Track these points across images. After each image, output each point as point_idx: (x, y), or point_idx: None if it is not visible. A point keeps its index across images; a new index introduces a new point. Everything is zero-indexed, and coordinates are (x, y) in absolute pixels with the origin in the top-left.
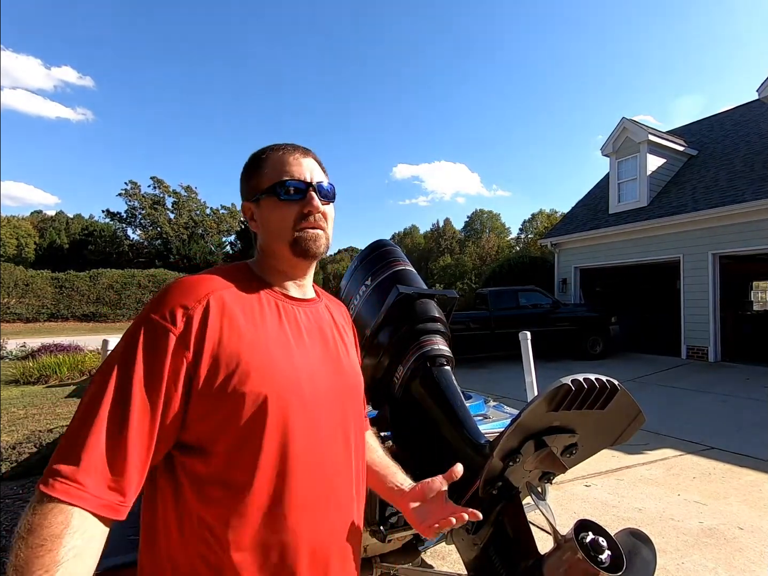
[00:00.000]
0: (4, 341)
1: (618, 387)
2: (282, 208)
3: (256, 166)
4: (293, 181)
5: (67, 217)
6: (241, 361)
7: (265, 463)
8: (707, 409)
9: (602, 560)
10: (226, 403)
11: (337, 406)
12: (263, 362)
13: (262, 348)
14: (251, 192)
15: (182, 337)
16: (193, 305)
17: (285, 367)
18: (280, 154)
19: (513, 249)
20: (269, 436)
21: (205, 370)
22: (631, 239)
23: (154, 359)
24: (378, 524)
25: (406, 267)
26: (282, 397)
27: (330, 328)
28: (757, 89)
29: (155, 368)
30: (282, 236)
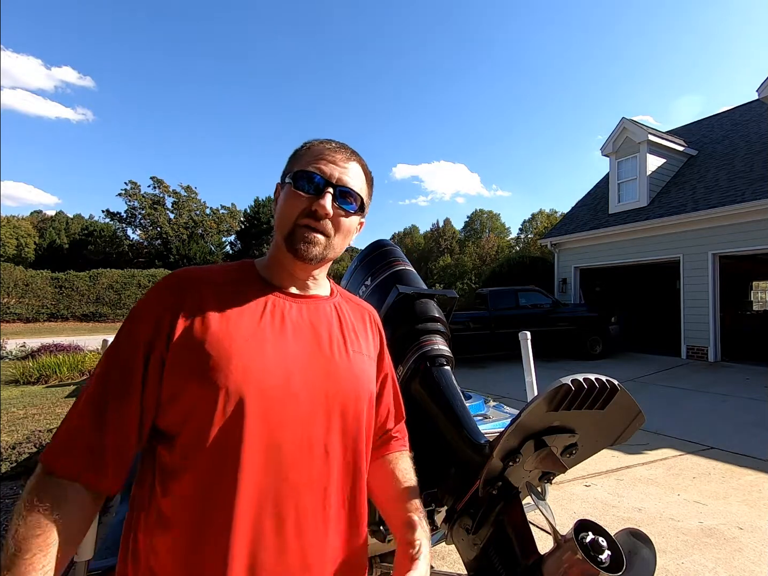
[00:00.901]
0: (4, 341)
1: (618, 387)
2: (292, 197)
3: (299, 152)
4: (313, 173)
5: (67, 217)
6: (205, 349)
7: (209, 461)
8: (707, 409)
9: (602, 560)
10: (188, 388)
11: (318, 410)
12: (226, 353)
13: (229, 338)
14: (283, 174)
15: (158, 322)
16: (179, 292)
17: (250, 360)
18: (320, 147)
19: (513, 249)
20: (218, 429)
21: (175, 354)
22: (631, 239)
23: (130, 342)
24: (378, 524)
25: (406, 267)
26: (238, 391)
27: (328, 328)
28: (757, 89)
29: (131, 350)
30: (282, 226)
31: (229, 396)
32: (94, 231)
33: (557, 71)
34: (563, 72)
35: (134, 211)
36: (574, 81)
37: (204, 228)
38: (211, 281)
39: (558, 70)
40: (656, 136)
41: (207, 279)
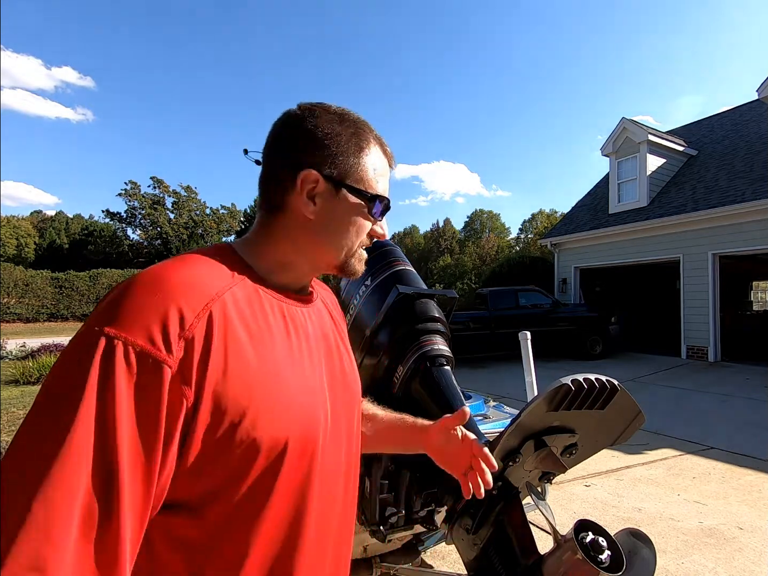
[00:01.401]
0: (4, 341)
1: (618, 387)
2: (364, 220)
3: (357, 145)
4: (389, 203)
5: (67, 217)
6: (252, 398)
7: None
8: (707, 409)
9: (602, 560)
10: (231, 453)
11: (342, 429)
12: (277, 395)
13: (274, 375)
14: (333, 166)
15: (181, 370)
16: (192, 322)
17: (303, 398)
18: (384, 158)
19: (513, 249)
20: (281, 495)
21: (208, 413)
22: (631, 239)
23: (143, 406)
24: (378, 524)
25: (406, 267)
26: (305, 439)
27: (332, 331)
28: (757, 89)
29: (147, 418)
30: (344, 246)
31: (291, 450)
32: (94, 231)
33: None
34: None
35: (134, 211)
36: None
37: (204, 228)
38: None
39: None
40: (656, 136)
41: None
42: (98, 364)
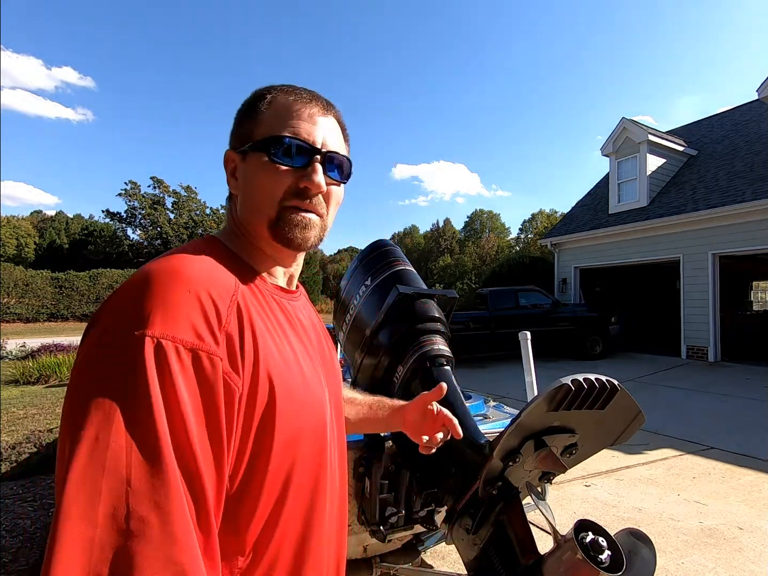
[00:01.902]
0: (4, 341)
1: (618, 387)
2: (272, 172)
3: (254, 107)
4: (296, 140)
5: (67, 217)
6: (276, 387)
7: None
8: (707, 409)
9: (602, 560)
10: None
11: (337, 421)
12: (296, 385)
13: (290, 366)
14: (239, 139)
15: (229, 360)
16: (227, 316)
17: (314, 388)
18: (290, 100)
19: (513, 249)
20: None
21: (248, 397)
22: (631, 239)
23: (207, 397)
24: (378, 524)
25: (406, 267)
26: (319, 429)
27: (318, 321)
28: (757, 89)
29: (212, 409)
30: (262, 210)
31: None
32: (94, 231)
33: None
34: (563, 72)
35: (134, 211)
36: (573, 81)
37: (204, 228)
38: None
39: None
40: (656, 136)
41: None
42: (153, 368)
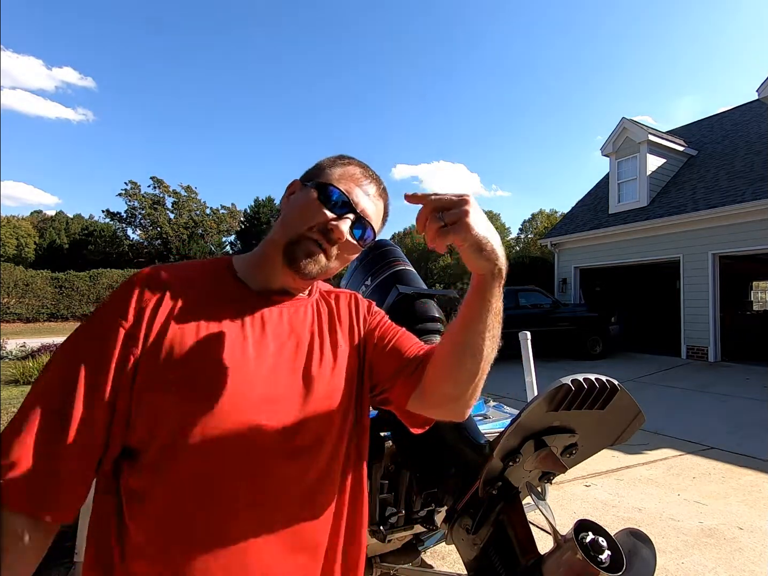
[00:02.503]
0: (4, 341)
1: (618, 387)
2: (312, 207)
3: (331, 163)
4: (344, 195)
5: (67, 217)
6: (186, 360)
7: (177, 480)
8: (707, 409)
9: (602, 560)
10: (162, 402)
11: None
12: (210, 366)
13: (211, 348)
14: (309, 176)
15: (131, 331)
16: (147, 298)
17: (234, 374)
18: (358, 170)
19: (513, 249)
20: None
21: (150, 360)
22: (631, 239)
23: (102, 352)
24: (378, 524)
25: (406, 267)
26: (220, 409)
27: (310, 329)
28: (757, 89)
29: (103, 360)
30: (290, 229)
31: (209, 413)
32: (94, 231)
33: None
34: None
35: (134, 211)
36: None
37: (204, 228)
38: (188, 280)
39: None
40: (656, 136)
41: (184, 278)
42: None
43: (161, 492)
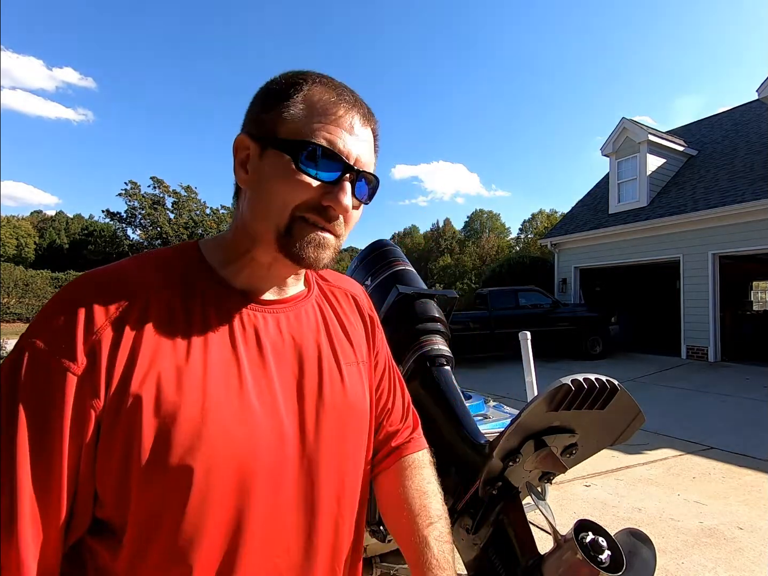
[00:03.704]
0: (4, 341)
1: (618, 387)
2: (293, 180)
3: (283, 94)
4: (331, 150)
5: (67, 217)
6: (162, 417)
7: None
8: (707, 409)
9: (602, 560)
10: (134, 474)
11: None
12: (198, 413)
13: (198, 391)
14: (259, 126)
15: (86, 376)
16: (101, 325)
17: (232, 419)
18: (329, 99)
19: (513, 249)
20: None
21: (113, 422)
22: (631, 239)
23: (44, 416)
24: (378, 524)
25: (405, 267)
26: (234, 468)
27: (315, 339)
28: (757, 89)
29: (48, 429)
30: (271, 217)
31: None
32: (94, 231)
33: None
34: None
35: (134, 211)
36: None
37: (204, 228)
38: (151, 287)
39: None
40: (656, 136)
41: (144, 284)
42: (7, 371)
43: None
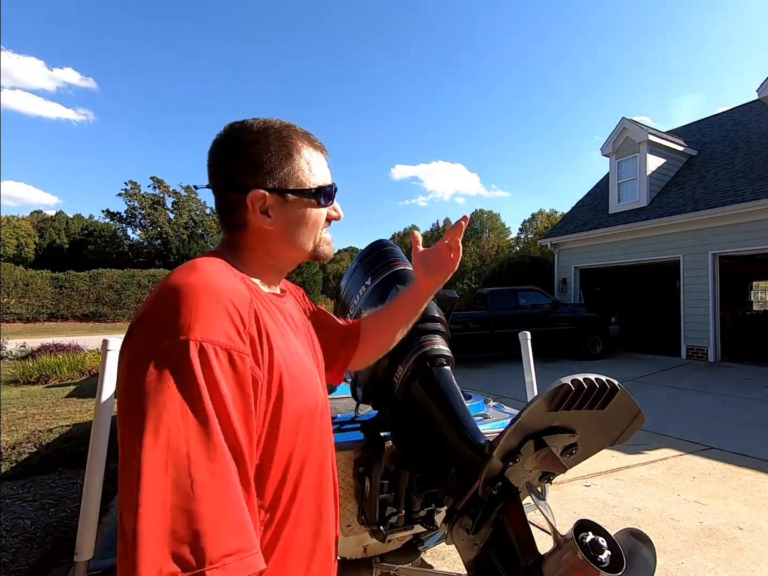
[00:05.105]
0: (4, 341)
1: (618, 387)
2: (320, 214)
3: (284, 152)
4: (332, 186)
5: (67, 217)
6: (288, 377)
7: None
8: (707, 409)
9: (602, 560)
10: (274, 421)
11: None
12: (303, 376)
13: (296, 359)
14: (274, 180)
15: (253, 356)
16: (249, 321)
17: (313, 378)
18: (316, 152)
19: (513, 249)
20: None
21: (268, 387)
22: (631, 239)
23: (242, 389)
24: (378, 524)
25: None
26: (319, 410)
27: (303, 320)
28: (757, 89)
29: (246, 398)
30: (307, 243)
31: (307, 416)
32: (94, 231)
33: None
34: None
35: (134, 211)
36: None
37: (204, 228)
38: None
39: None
40: (656, 136)
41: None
42: (199, 366)
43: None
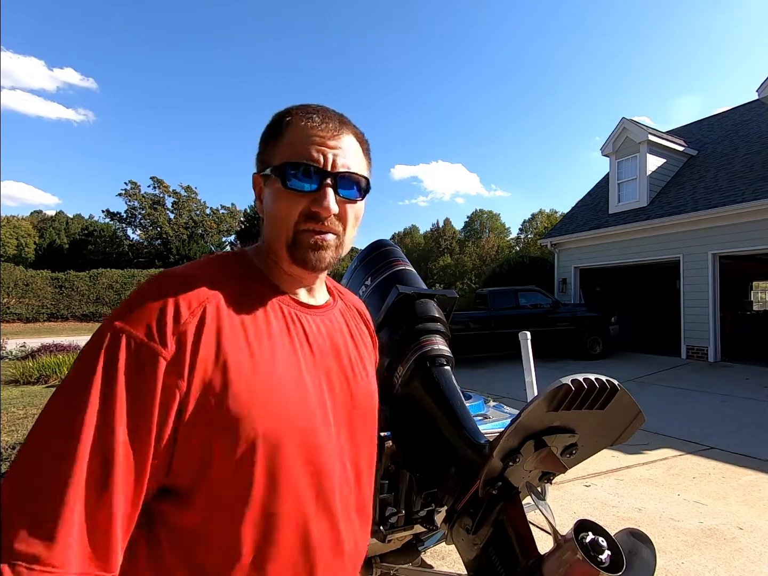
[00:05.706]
0: (4, 341)
1: (618, 387)
2: (287, 198)
3: (276, 130)
4: (305, 164)
5: (67, 217)
6: (241, 391)
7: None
8: (707, 409)
9: (602, 560)
10: (215, 441)
11: (347, 444)
12: (269, 393)
13: (268, 373)
14: (262, 163)
15: (174, 362)
16: (186, 318)
17: (290, 399)
18: (304, 125)
19: (513, 249)
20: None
21: (196, 401)
22: (631, 239)
23: (140, 392)
24: (378, 524)
25: (405, 267)
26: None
27: (344, 340)
28: (757, 89)
29: (143, 404)
30: (280, 233)
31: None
32: (94, 231)
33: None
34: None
35: (134, 211)
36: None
37: (204, 228)
38: (225, 289)
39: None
40: (656, 136)
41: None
42: (104, 352)
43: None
